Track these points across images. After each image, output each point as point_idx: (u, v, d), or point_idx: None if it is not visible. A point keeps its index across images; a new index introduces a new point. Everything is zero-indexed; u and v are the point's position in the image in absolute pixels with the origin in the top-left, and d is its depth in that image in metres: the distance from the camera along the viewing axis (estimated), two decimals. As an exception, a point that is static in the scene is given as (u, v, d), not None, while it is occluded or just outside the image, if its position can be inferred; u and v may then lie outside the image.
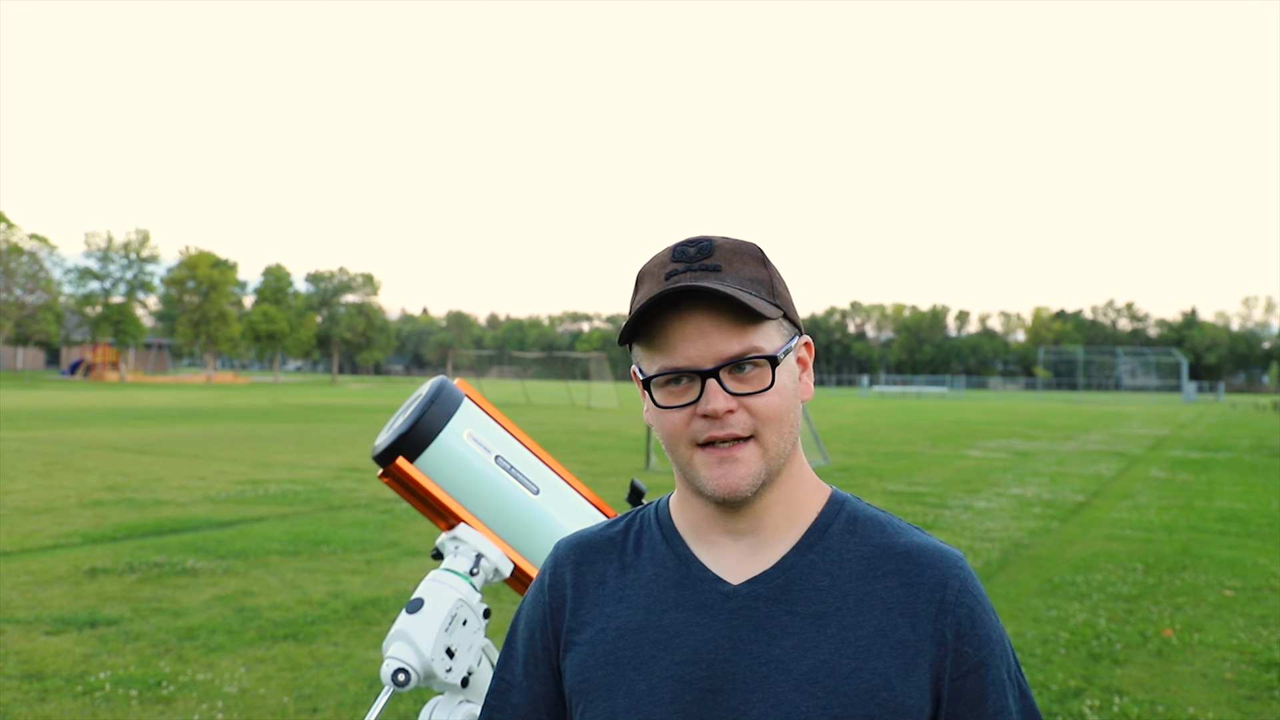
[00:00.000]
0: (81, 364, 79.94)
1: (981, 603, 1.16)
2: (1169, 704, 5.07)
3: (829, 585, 1.14)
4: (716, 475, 1.10)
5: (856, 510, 1.21)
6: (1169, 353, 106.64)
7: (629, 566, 1.22)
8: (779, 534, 1.17)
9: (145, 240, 77.23)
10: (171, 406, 35.17)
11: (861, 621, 1.12)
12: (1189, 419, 40.58)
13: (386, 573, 7.75)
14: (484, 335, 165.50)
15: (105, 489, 12.20)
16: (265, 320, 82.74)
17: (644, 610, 1.18)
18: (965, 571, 1.17)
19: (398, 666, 1.73)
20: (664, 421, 1.13)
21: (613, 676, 1.16)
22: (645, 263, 1.17)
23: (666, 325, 1.11)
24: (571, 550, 1.27)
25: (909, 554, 1.16)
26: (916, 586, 1.14)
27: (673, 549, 1.21)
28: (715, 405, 1.08)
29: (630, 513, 1.30)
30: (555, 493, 1.98)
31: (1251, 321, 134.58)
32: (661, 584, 1.19)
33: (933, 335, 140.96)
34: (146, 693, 4.93)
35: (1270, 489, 14.65)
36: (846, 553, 1.16)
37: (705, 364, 1.09)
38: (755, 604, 1.14)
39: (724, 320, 1.09)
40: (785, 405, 1.12)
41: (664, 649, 1.15)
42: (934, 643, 1.12)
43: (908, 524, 1.22)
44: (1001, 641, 1.17)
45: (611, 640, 1.18)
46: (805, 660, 1.11)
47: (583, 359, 70.16)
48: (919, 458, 19.21)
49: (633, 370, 1.20)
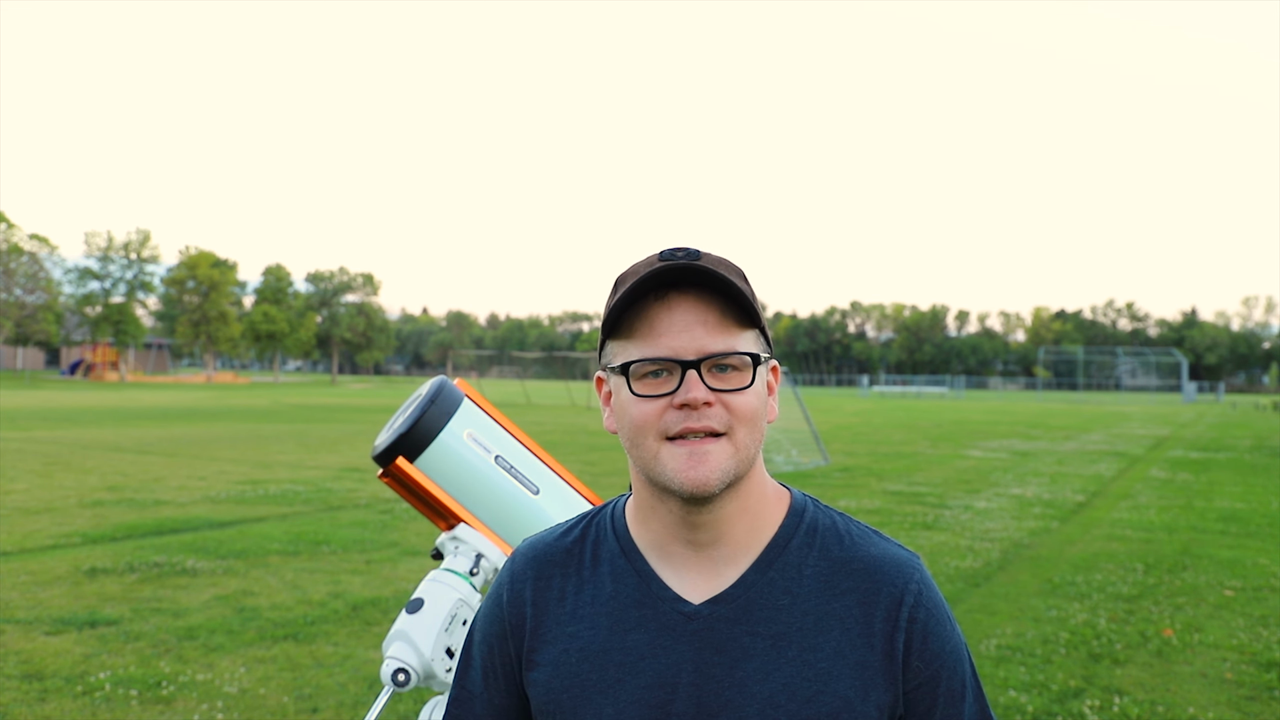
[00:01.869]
0: (81, 364, 79.96)
1: (935, 614, 1.16)
2: (1169, 704, 5.07)
3: (789, 604, 1.14)
4: (685, 468, 1.08)
5: (815, 520, 1.20)
6: (1169, 353, 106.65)
7: (587, 581, 1.21)
8: (740, 547, 1.16)
9: (145, 240, 77.23)
10: (171, 406, 35.17)
11: (821, 643, 1.12)
12: (1189, 419, 40.58)
13: (386, 573, 7.75)
14: (484, 335, 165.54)
15: (105, 489, 12.20)
16: (265, 320, 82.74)
17: (606, 631, 1.17)
18: (920, 583, 1.17)
19: (398, 666, 1.73)
20: (635, 412, 1.11)
21: (579, 700, 1.16)
22: (626, 269, 1.16)
23: (652, 315, 1.11)
24: (529, 564, 1.25)
25: (866, 569, 1.16)
26: (873, 604, 1.14)
27: (632, 564, 1.19)
28: (695, 394, 1.07)
29: (583, 517, 1.28)
30: (555, 493, 1.98)
31: (1252, 321, 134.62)
32: (622, 602, 1.17)
33: (933, 335, 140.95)
34: (146, 693, 4.93)
35: (1270, 489, 14.65)
36: (806, 568, 1.16)
37: (688, 355, 1.09)
38: (717, 625, 1.14)
39: (711, 315, 1.10)
40: (759, 408, 1.12)
41: (629, 672, 1.14)
42: (888, 659, 1.13)
43: (865, 528, 1.22)
44: (956, 652, 1.17)
45: (575, 662, 1.17)
46: (767, 684, 1.11)
47: (583, 359, 70.14)
48: (919, 458, 19.21)
49: (597, 375, 1.20)
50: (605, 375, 1.18)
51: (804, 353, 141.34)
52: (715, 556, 1.16)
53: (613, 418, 1.17)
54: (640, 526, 1.20)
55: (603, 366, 1.18)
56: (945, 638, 1.17)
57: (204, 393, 51.42)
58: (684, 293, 1.11)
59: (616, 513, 1.25)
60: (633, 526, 1.21)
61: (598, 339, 1.22)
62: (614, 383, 1.15)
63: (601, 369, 1.19)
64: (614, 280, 1.17)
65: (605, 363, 1.17)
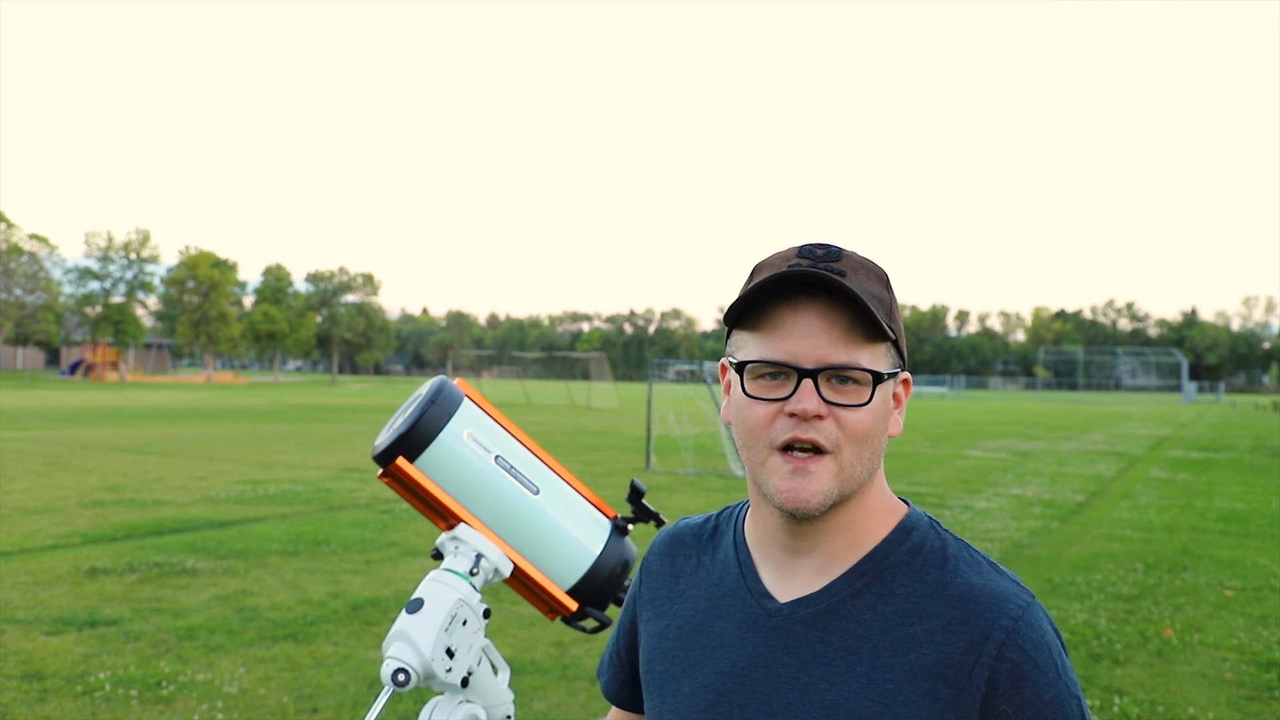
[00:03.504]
0: (81, 364, 79.96)
1: (1034, 657, 1.05)
2: (1169, 704, 5.07)
3: (870, 620, 1.10)
4: (787, 486, 1.06)
5: (923, 541, 1.14)
6: (1169, 353, 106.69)
7: (702, 565, 1.26)
8: (838, 558, 1.14)
9: (145, 240, 77.23)
10: (171, 406, 35.17)
11: (894, 664, 1.07)
12: (1189, 419, 40.59)
13: (386, 573, 7.76)
14: (484, 335, 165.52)
15: (105, 489, 12.21)
16: (265, 320, 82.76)
17: (701, 613, 1.21)
18: (1022, 621, 1.06)
19: (397, 666, 1.73)
20: (748, 414, 1.09)
21: (665, 674, 1.21)
22: (765, 257, 1.14)
23: (777, 314, 1.07)
24: (664, 541, 1.33)
25: (961, 598, 1.08)
26: (959, 634, 1.06)
27: (739, 556, 1.22)
28: (806, 405, 1.04)
29: (726, 508, 1.32)
30: (555, 493, 1.98)
31: (1252, 321, 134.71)
32: (722, 590, 1.21)
33: (933, 335, 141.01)
34: (146, 693, 4.93)
35: (1270, 489, 14.65)
36: (898, 588, 1.11)
37: (807, 363, 1.05)
38: (793, 626, 1.13)
39: (837, 325, 1.05)
40: (875, 428, 1.08)
41: (709, 656, 1.18)
42: (961, 694, 1.04)
43: (980, 558, 1.14)
44: (1059, 704, 1.05)
45: (672, 637, 1.23)
46: (830, 695, 1.08)
47: (583, 359, 70.22)
48: (919, 458, 19.21)
49: (722, 362, 1.18)
50: (729, 365, 1.15)
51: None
52: (809, 564, 1.15)
53: (729, 410, 1.15)
54: (751, 523, 1.22)
55: (727, 356, 1.16)
56: (1046, 685, 1.05)
57: (204, 393, 51.43)
58: (814, 296, 1.06)
59: (745, 508, 1.27)
60: (748, 521, 1.23)
61: (598, 339, 1.22)
62: (733, 376, 1.13)
63: (726, 358, 1.16)
64: (752, 267, 1.14)
65: (729, 353, 1.15)
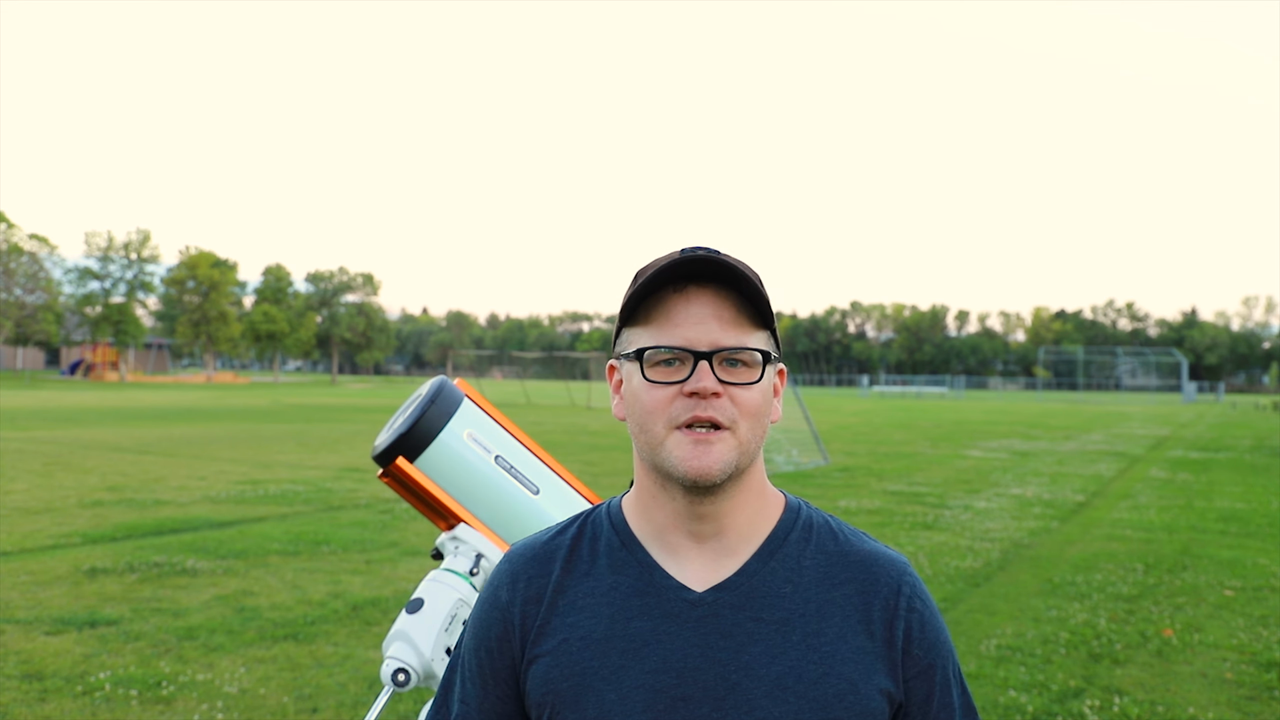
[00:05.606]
0: (81, 364, 79.97)
1: (929, 607, 1.23)
2: (1169, 704, 5.07)
3: (791, 593, 1.18)
4: (690, 455, 1.11)
5: (810, 517, 1.25)
6: (1169, 353, 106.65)
7: (586, 574, 1.21)
8: (741, 540, 1.19)
9: (145, 240, 77.23)
10: (171, 406, 35.17)
11: (824, 628, 1.16)
12: (1189, 419, 40.58)
13: (386, 573, 7.76)
14: (484, 335, 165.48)
15: (105, 489, 12.21)
16: (265, 320, 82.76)
17: (608, 620, 1.17)
18: (913, 578, 1.24)
19: (398, 666, 1.74)
20: (646, 398, 1.14)
21: (579, 688, 1.15)
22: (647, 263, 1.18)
23: (670, 305, 1.14)
24: (526, 563, 1.24)
25: (862, 563, 1.22)
26: (871, 594, 1.19)
27: (633, 555, 1.20)
28: (705, 384, 1.11)
29: (576, 517, 1.28)
30: (555, 493, 1.98)
31: (1252, 321, 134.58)
32: (623, 592, 1.18)
33: (933, 335, 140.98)
34: (146, 693, 4.93)
35: (1270, 489, 14.65)
36: (805, 560, 1.20)
37: (702, 346, 1.12)
38: (721, 611, 1.16)
39: (726, 310, 1.14)
40: (764, 406, 1.16)
41: (632, 658, 1.15)
42: (888, 646, 1.18)
43: (855, 529, 1.27)
44: (947, 644, 1.24)
45: (576, 650, 1.16)
46: (774, 666, 1.13)
47: (583, 359, 70.18)
48: (919, 458, 19.22)
49: (610, 363, 1.22)
50: (618, 363, 1.20)
51: (804, 353, 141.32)
52: (716, 548, 1.19)
53: (622, 405, 1.20)
54: (641, 518, 1.22)
55: (616, 354, 1.21)
56: (939, 629, 1.23)
57: (204, 393, 51.43)
58: (703, 286, 1.14)
59: (613, 508, 1.26)
60: (633, 519, 1.23)
61: (598, 339, 1.23)
62: (626, 370, 1.18)
63: (615, 356, 1.21)
64: (634, 273, 1.20)
65: (619, 350, 1.19)
